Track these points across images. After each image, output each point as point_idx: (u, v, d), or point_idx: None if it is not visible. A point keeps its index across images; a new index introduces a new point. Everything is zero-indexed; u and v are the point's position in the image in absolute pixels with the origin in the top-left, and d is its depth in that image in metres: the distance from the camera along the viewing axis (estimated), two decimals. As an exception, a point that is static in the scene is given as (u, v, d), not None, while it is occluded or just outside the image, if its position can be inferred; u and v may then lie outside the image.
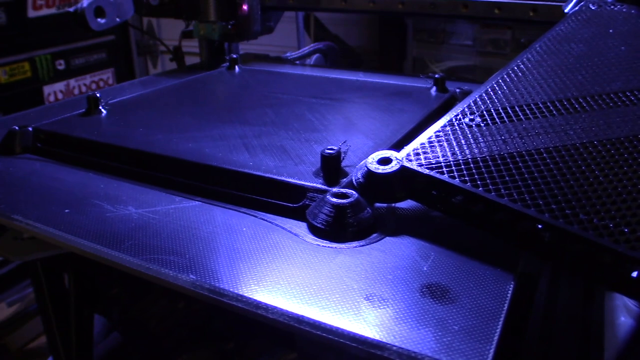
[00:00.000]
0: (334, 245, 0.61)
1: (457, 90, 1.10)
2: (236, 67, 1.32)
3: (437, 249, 0.61)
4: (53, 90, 2.95)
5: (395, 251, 0.60)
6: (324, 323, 0.49)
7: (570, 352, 0.99)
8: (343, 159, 0.71)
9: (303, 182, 0.68)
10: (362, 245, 0.61)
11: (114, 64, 3.34)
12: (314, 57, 1.77)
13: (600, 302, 1.11)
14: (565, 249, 0.55)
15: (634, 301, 1.09)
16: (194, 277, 0.55)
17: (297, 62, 1.66)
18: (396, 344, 0.46)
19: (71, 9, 1.45)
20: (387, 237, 0.63)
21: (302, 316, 0.50)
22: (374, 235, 0.63)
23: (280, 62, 1.55)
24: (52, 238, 0.64)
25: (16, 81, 2.65)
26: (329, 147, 0.69)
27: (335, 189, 0.65)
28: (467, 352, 0.45)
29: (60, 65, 3.00)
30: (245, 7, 1.38)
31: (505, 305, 0.51)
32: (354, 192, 0.64)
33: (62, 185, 0.78)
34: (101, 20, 1.47)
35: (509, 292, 0.54)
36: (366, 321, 0.49)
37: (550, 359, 0.94)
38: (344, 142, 0.76)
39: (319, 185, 0.67)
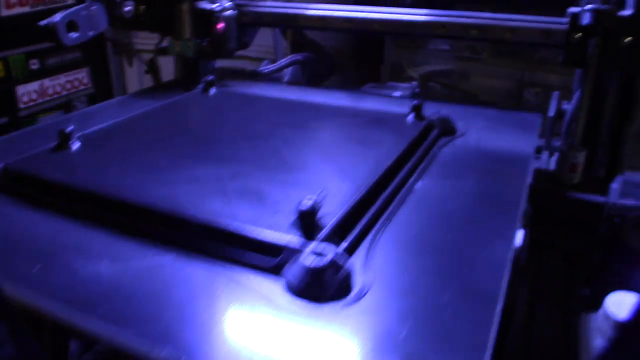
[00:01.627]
0: (312, 306, 0.61)
1: (434, 116, 1.10)
2: (211, 89, 1.30)
3: (414, 310, 0.61)
4: (27, 91, 2.90)
5: (372, 315, 0.60)
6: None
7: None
8: (319, 209, 0.70)
9: (279, 239, 0.67)
10: (341, 307, 0.61)
11: (89, 63, 3.30)
12: (291, 68, 1.77)
13: (575, 327, 1.12)
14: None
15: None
16: (168, 352, 0.54)
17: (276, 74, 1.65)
18: None
19: (43, 23, 1.42)
20: (365, 297, 0.62)
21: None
22: (351, 295, 0.63)
23: (257, 78, 1.54)
24: (24, 302, 0.63)
25: (-11, 81, 2.61)
26: (305, 199, 0.69)
27: (312, 246, 0.65)
28: None
29: (34, 64, 2.95)
30: (221, 25, 1.37)
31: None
32: (331, 249, 0.64)
33: (32, 233, 0.76)
34: (73, 35, 1.44)
35: (485, 360, 0.54)
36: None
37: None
38: (321, 191, 0.75)
39: (296, 242, 0.66)
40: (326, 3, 1.43)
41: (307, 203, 0.68)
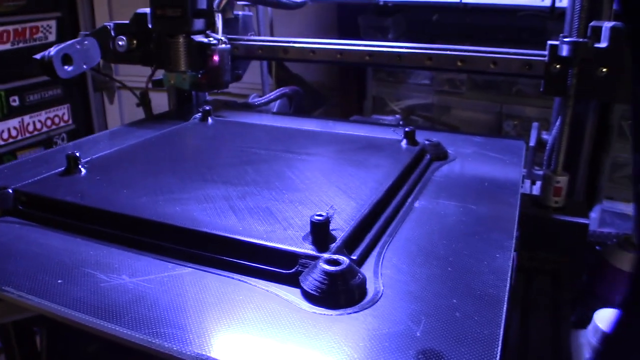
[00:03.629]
0: (329, 312, 0.64)
1: (426, 142, 1.15)
2: (209, 118, 1.34)
3: (426, 311, 0.64)
4: (7, 127, 2.90)
5: (387, 316, 0.63)
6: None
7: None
8: (330, 222, 0.74)
9: (294, 249, 0.70)
10: (356, 312, 0.64)
11: (69, 100, 3.31)
12: (279, 100, 1.82)
13: (566, 343, 1.16)
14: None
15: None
16: (197, 352, 0.57)
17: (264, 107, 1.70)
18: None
19: (38, 57, 1.44)
20: (378, 302, 0.66)
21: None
22: (365, 300, 0.66)
23: (248, 108, 1.58)
24: (52, 313, 0.65)
25: (-31, 118, 2.61)
26: (317, 213, 0.72)
27: (326, 255, 0.68)
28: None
29: (14, 101, 2.96)
30: (216, 57, 1.41)
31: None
32: (345, 259, 0.67)
33: (50, 252, 0.78)
34: (68, 68, 1.48)
35: (497, 354, 0.58)
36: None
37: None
38: (331, 206, 0.79)
39: (311, 252, 0.70)
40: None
41: (319, 217, 0.72)
